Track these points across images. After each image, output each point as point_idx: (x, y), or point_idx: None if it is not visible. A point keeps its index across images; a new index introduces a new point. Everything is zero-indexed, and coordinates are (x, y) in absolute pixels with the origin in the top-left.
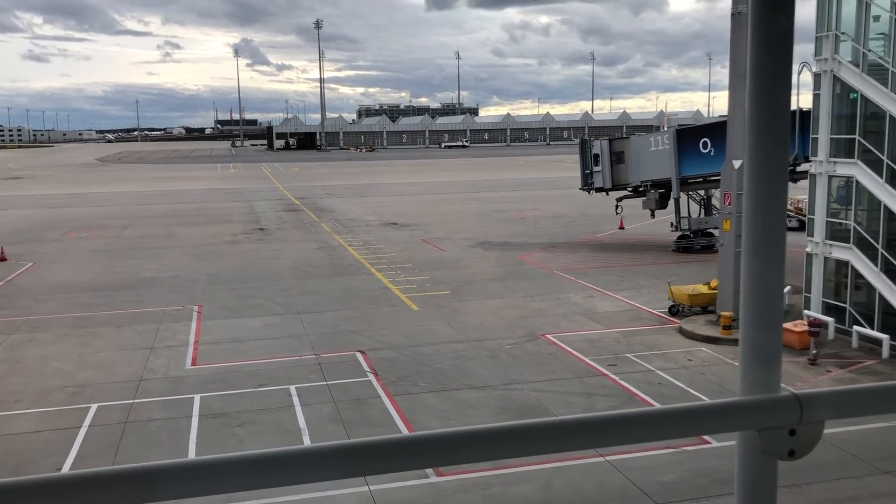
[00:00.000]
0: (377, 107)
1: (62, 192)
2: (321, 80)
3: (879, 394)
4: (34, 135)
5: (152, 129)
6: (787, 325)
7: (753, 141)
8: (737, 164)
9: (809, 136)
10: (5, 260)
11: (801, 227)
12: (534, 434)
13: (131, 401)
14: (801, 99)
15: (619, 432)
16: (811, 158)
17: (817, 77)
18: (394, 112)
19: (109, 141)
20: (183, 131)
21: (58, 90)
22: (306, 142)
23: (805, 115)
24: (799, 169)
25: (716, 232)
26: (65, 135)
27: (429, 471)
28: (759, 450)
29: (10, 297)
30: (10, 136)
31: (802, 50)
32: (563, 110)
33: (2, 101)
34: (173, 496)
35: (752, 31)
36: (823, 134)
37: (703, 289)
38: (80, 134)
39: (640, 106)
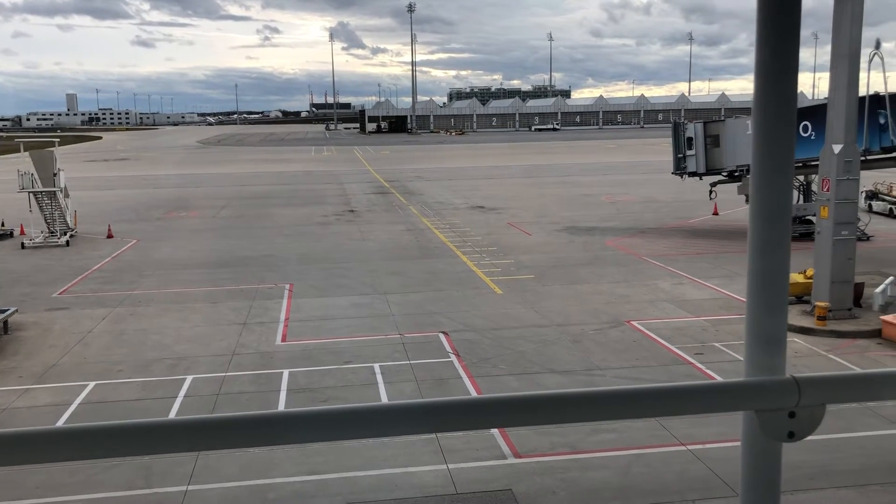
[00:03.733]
0: (468, 90)
1: (165, 173)
2: (413, 64)
3: (878, 379)
4: (140, 118)
5: (251, 113)
6: (888, 318)
7: (759, 129)
8: (837, 148)
9: None
10: (112, 237)
11: None
12: (538, 405)
13: (224, 374)
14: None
15: (621, 407)
16: None
17: None
18: (484, 95)
19: (210, 124)
20: (280, 114)
21: (163, 74)
22: (397, 125)
23: None
24: None
25: (814, 219)
26: (168, 118)
27: (507, 451)
28: (760, 431)
29: (116, 272)
30: (118, 119)
31: None
32: (660, 92)
33: (112, 85)
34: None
35: (758, 25)
36: None
37: (799, 278)
38: (183, 117)
39: (741, 87)
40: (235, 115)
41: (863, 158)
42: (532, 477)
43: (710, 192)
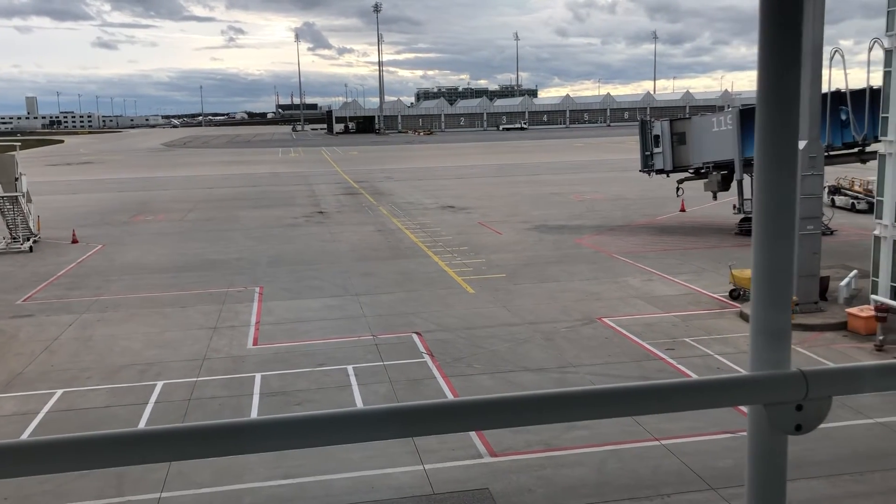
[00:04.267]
0: (436, 90)
1: (130, 177)
2: (380, 64)
3: (885, 371)
4: (103, 121)
5: (216, 114)
6: (852, 311)
7: (763, 124)
8: (801, 144)
9: (879, 115)
10: (77, 242)
11: (871, 209)
12: (551, 403)
13: (195, 379)
14: (872, 77)
15: (631, 404)
16: (881, 138)
17: (889, 53)
18: (452, 95)
19: (175, 126)
20: (245, 116)
21: (125, 77)
22: (365, 126)
23: (875, 94)
24: (868, 149)
25: None
26: (132, 120)
27: (483, 451)
28: (768, 424)
29: (82, 277)
30: (81, 122)
31: (874, 25)
32: (625, 91)
33: (73, 88)
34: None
35: (761, 15)
36: (894, 113)
37: None
38: (147, 119)
39: (705, 85)
40: (200, 117)
41: (825, 154)
42: (508, 475)
43: (678, 189)
